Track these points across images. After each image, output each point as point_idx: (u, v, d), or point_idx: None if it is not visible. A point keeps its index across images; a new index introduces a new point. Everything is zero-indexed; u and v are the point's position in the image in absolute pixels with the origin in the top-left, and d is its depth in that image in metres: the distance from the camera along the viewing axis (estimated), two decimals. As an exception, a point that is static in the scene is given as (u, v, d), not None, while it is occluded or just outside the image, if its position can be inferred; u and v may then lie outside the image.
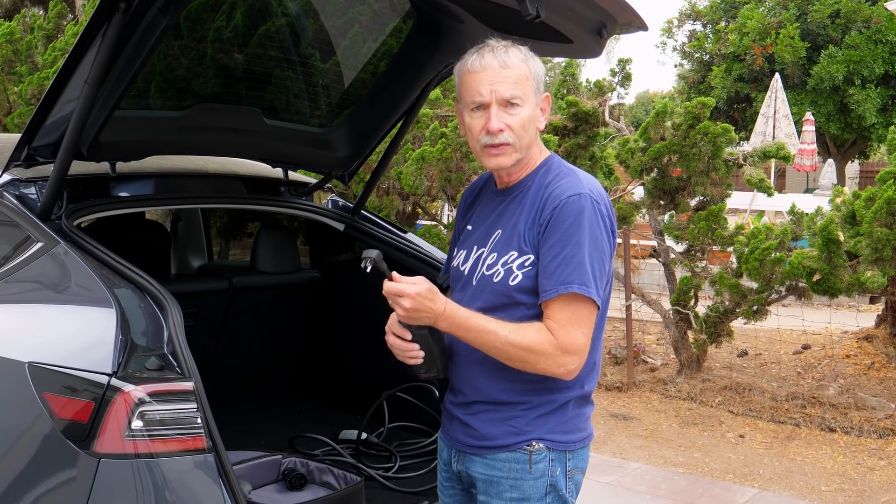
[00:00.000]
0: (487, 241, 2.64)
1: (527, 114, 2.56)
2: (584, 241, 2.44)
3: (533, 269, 2.50)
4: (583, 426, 2.64)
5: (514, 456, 2.56)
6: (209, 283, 4.65)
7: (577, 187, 2.51)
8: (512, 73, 2.54)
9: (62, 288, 3.04)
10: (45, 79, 10.43)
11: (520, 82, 2.54)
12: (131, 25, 2.84)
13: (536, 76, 2.59)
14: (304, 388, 5.00)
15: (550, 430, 2.56)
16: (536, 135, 2.64)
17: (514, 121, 2.55)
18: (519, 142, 2.57)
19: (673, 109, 8.44)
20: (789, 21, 23.73)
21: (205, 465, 2.65)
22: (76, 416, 2.63)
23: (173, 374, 2.66)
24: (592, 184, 2.57)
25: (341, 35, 3.86)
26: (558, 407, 2.57)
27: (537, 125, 2.62)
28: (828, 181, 20.81)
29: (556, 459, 2.57)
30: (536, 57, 2.62)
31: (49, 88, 3.03)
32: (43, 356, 2.77)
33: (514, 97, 2.53)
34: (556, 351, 2.43)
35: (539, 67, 2.60)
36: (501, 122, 2.54)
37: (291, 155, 4.15)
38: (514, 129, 2.55)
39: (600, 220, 2.49)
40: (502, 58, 2.55)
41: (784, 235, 7.71)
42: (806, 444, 7.13)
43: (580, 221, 2.46)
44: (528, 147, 2.61)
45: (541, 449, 2.55)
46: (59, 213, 3.24)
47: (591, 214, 2.47)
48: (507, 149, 2.57)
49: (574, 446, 2.60)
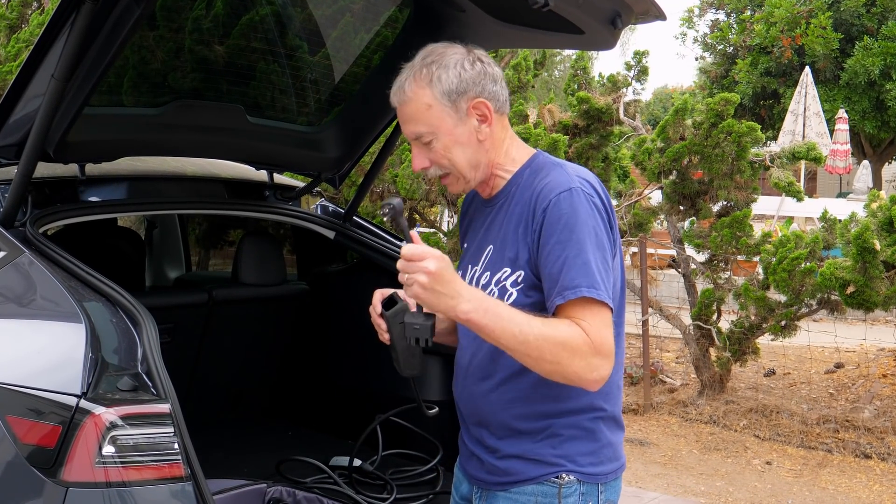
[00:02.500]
0: (479, 258, 2.63)
1: (443, 143, 2.54)
2: (584, 239, 2.40)
3: (527, 286, 2.48)
4: (616, 455, 2.60)
5: (541, 489, 2.52)
6: (187, 295, 4.65)
7: (567, 182, 2.46)
8: (410, 109, 2.55)
9: (26, 301, 3.04)
10: (7, 73, 10.44)
11: (419, 115, 2.53)
12: (102, 15, 2.85)
13: (444, 94, 2.52)
14: (291, 411, 5.00)
15: (579, 460, 2.52)
16: (490, 145, 2.59)
17: (435, 155, 2.56)
18: (456, 168, 2.57)
19: (694, 106, 8.46)
20: (821, 10, 23.77)
21: (182, 494, 2.64)
22: (42, 441, 2.63)
23: (148, 396, 2.65)
24: (583, 175, 2.54)
25: (331, 25, 3.87)
26: (586, 432, 2.53)
27: (478, 137, 2.56)
28: (863, 184, 20.84)
29: (587, 493, 2.52)
30: (451, 67, 2.53)
31: (12, 83, 3.04)
32: (5, 376, 2.76)
33: (419, 136, 2.55)
34: (589, 350, 2.33)
35: (447, 80, 2.52)
36: (423, 161, 2.58)
37: (277, 156, 4.16)
38: (436, 162, 2.57)
39: (597, 214, 2.45)
40: (399, 95, 2.56)
41: (815, 244, 7.72)
42: (839, 472, 7.13)
43: (575, 218, 2.41)
44: (477, 166, 2.58)
45: (571, 482, 2.51)
46: (24, 220, 3.24)
47: (586, 209, 2.43)
48: (449, 178, 2.60)
49: (607, 478, 2.56)
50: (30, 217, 3.26)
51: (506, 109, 2.62)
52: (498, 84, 2.58)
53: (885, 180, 27.86)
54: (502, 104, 2.60)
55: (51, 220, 3.43)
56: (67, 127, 3.16)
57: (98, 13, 2.81)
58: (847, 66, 23.31)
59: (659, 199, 9.01)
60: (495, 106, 2.57)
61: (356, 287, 4.70)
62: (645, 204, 9.29)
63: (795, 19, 23.97)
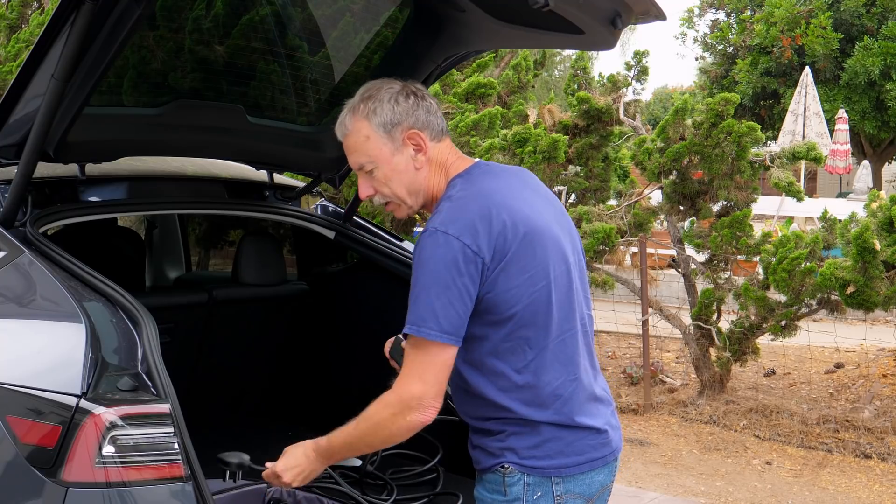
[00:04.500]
0: None
1: (384, 172, 2.72)
2: (420, 278, 2.56)
3: None
4: (571, 450, 2.71)
5: (493, 477, 2.71)
6: (187, 295, 4.65)
7: (431, 223, 2.60)
8: (351, 141, 2.74)
9: (27, 301, 3.04)
10: (7, 73, 10.45)
11: (359, 146, 2.72)
12: (102, 15, 2.85)
13: (380, 125, 2.70)
14: (291, 411, 4.99)
15: (522, 453, 2.67)
16: (427, 173, 2.74)
17: (376, 183, 2.75)
18: (395, 195, 2.75)
19: (694, 106, 8.46)
20: (821, 10, 23.77)
21: (182, 494, 2.64)
22: (42, 441, 2.63)
23: (148, 396, 2.66)
24: (456, 213, 2.60)
25: (332, 25, 3.87)
26: (525, 428, 2.68)
27: (415, 166, 2.72)
28: (863, 184, 20.84)
29: (534, 484, 2.67)
30: (380, 100, 2.70)
31: (12, 83, 3.04)
32: (6, 376, 2.77)
33: (361, 166, 2.75)
34: (396, 405, 2.65)
35: (381, 112, 2.69)
36: (368, 188, 2.77)
37: (277, 156, 4.16)
38: (379, 190, 2.76)
39: (447, 253, 2.54)
40: (341, 129, 2.76)
41: (815, 244, 7.72)
42: (839, 472, 7.13)
43: (420, 260, 2.57)
44: (417, 192, 2.75)
45: (513, 472, 2.67)
46: (24, 220, 3.23)
47: (431, 250, 2.55)
48: (391, 205, 2.80)
49: (562, 472, 2.69)
50: (30, 217, 3.26)
51: (443, 137, 2.78)
52: (432, 114, 2.75)
53: (885, 180, 27.86)
54: (438, 133, 2.76)
55: (51, 220, 3.43)
56: (67, 127, 3.16)
57: (98, 13, 2.81)
58: (847, 66, 23.31)
59: (659, 199, 9.01)
60: (430, 135, 2.73)
61: (356, 287, 4.70)
62: (645, 204, 9.29)
63: (795, 19, 23.98)
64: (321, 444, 2.82)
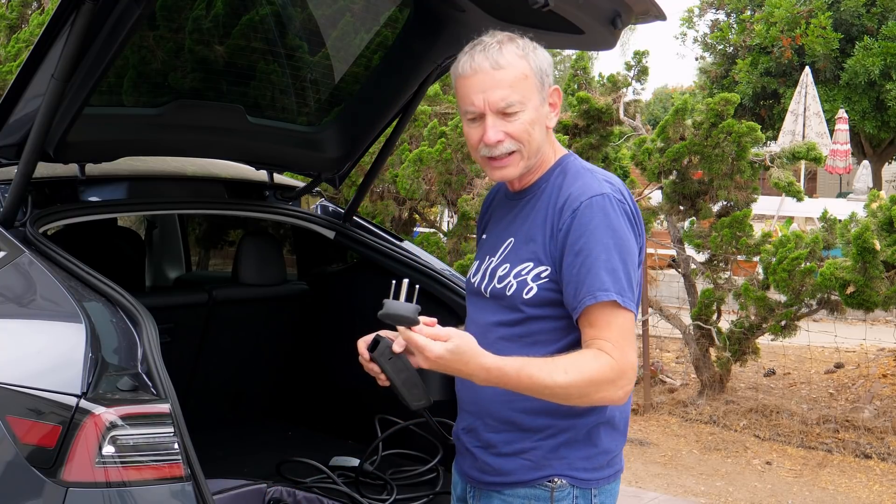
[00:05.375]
0: (498, 250, 2.62)
1: (529, 117, 2.50)
2: (612, 246, 2.40)
3: (550, 281, 2.47)
4: (612, 461, 2.58)
5: (533, 493, 2.51)
6: (187, 295, 4.65)
7: (598, 187, 2.47)
8: (506, 76, 2.47)
9: (27, 301, 3.04)
10: (7, 73, 10.44)
11: (516, 84, 2.47)
12: (102, 14, 2.85)
13: (539, 71, 2.52)
14: (291, 411, 4.99)
15: (574, 464, 2.50)
16: (548, 134, 2.59)
17: (515, 127, 2.49)
18: (525, 148, 2.51)
19: (694, 106, 8.46)
20: (821, 10, 23.76)
21: (182, 494, 2.64)
22: (42, 441, 2.63)
23: (148, 396, 2.66)
24: (614, 182, 2.54)
25: (332, 25, 3.87)
26: (585, 436, 2.51)
27: (546, 124, 2.57)
28: (863, 184, 20.83)
29: (579, 497, 2.51)
30: (540, 48, 2.56)
31: (12, 83, 3.04)
32: (5, 376, 2.76)
33: (509, 105, 2.47)
34: (616, 375, 2.36)
35: (542, 60, 2.53)
36: (499, 133, 2.49)
37: (277, 156, 4.16)
38: (515, 137, 2.50)
39: (626, 222, 2.47)
40: (494, 58, 2.47)
41: (815, 244, 7.72)
42: (839, 472, 7.13)
43: (606, 224, 2.41)
44: (538, 151, 2.55)
45: (564, 486, 2.50)
46: (24, 220, 3.24)
47: (615, 215, 2.44)
48: (513, 158, 2.52)
49: (600, 483, 2.55)
50: (30, 217, 3.26)
51: None
52: None
53: (885, 180, 27.84)
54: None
55: (51, 220, 3.43)
56: (67, 127, 3.16)
57: (98, 13, 2.81)
58: (847, 66, 23.30)
59: (659, 199, 9.00)
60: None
61: (356, 287, 4.70)
62: (645, 204, 9.28)
63: (795, 19, 23.97)
64: (504, 368, 2.35)
